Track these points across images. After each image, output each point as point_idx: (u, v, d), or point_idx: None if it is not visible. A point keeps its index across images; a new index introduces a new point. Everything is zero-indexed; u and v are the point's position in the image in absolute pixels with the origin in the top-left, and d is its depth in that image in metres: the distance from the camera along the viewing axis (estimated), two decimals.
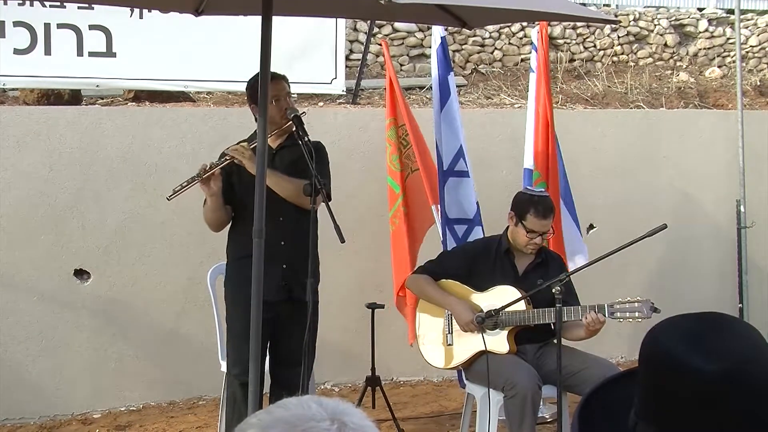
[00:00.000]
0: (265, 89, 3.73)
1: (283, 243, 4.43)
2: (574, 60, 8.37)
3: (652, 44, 8.63)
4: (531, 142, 5.95)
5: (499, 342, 4.66)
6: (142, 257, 6.05)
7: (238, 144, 4.53)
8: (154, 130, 6.09)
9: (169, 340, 6.10)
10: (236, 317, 4.58)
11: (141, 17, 6.26)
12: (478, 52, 8.16)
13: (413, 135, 5.89)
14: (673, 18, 8.79)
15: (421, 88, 7.61)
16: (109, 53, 6.19)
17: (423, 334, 4.93)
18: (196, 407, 6.04)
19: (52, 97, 6.43)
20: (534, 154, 5.90)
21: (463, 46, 8.13)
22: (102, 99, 6.82)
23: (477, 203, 5.79)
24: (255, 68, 3.92)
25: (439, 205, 5.75)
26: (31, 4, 6.06)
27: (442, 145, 5.73)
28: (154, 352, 6.08)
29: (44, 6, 6.08)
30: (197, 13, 4.17)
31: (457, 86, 6.24)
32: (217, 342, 5.12)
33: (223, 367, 4.79)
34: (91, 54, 6.16)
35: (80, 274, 5.94)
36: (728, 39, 8.72)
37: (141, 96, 6.75)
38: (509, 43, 8.25)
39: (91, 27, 6.13)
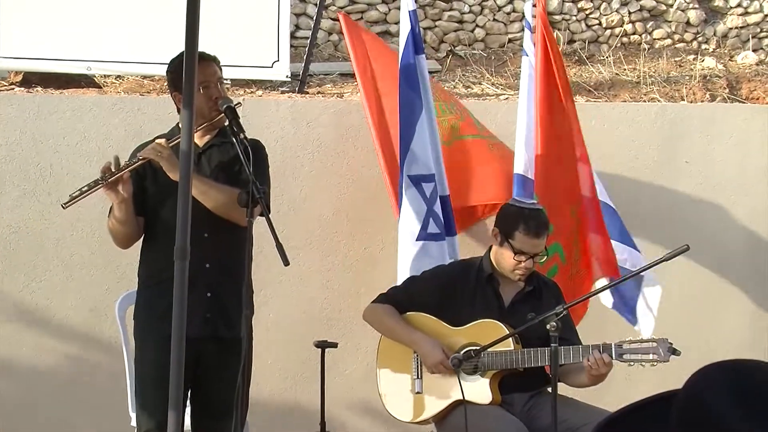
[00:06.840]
0: (192, 73, 3.75)
1: (208, 265, 4.45)
2: (574, 41, 8.45)
3: (671, 22, 8.72)
4: (523, 143, 5.97)
5: (479, 390, 4.69)
6: (32, 282, 6.03)
7: (154, 141, 4.55)
8: (48, 123, 6.07)
9: (65, 387, 6.08)
10: (146, 359, 4.60)
11: None
12: (456, 30, 8.21)
13: (378, 128, 5.97)
14: None
15: None
16: None
17: (385, 383, 4.96)
18: None
19: None
20: (534, 160, 5.95)
21: (437, 23, 8.17)
22: None
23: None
24: (178, 47, 3.93)
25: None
26: None
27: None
28: (46, 403, 6.05)
29: None
30: None
31: (429, 72, 6.29)
32: (126, 389, 5.11)
33: (134, 421, 4.79)
34: None
35: None
36: (766, 16, 8.82)
37: (32, 80, 6.72)
38: (494, 20, 8.30)
39: None
